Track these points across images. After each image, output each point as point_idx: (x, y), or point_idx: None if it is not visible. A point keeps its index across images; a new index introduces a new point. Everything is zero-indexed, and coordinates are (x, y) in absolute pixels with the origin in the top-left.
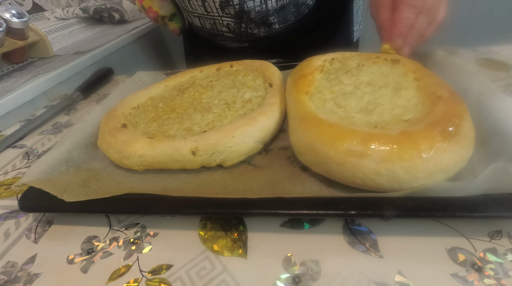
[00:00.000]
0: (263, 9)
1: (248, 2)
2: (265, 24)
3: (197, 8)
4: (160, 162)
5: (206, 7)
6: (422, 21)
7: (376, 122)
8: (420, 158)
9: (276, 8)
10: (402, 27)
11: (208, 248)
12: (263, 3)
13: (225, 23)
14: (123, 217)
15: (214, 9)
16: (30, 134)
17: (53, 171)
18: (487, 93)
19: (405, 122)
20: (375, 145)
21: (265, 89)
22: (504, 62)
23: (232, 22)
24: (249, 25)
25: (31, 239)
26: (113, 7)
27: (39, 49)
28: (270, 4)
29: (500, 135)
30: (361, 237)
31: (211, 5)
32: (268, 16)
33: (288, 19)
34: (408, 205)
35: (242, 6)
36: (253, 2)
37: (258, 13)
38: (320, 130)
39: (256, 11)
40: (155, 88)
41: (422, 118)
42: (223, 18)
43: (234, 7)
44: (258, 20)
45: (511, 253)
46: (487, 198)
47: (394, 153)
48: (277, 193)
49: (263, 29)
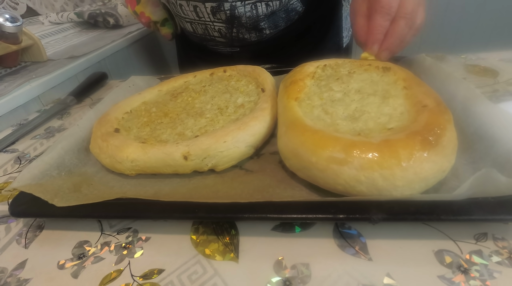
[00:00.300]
0: (253, 15)
1: (238, 8)
2: (256, 29)
3: (189, 13)
4: (152, 167)
5: (197, 12)
6: (402, 26)
7: (360, 129)
8: (399, 167)
9: (267, 13)
10: (377, 34)
11: (200, 252)
12: (253, 9)
13: (216, 28)
14: (115, 222)
15: (205, 14)
16: (22, 139)
17: (44, 176)
18: (472, 99)
19: (388, 130)
20: (356, 152)
21: (258, 94)
22: (491, 68)
23: (224, 27)
24: (240, 30)
25: (22, 244)
26: (108, 12)
27: (32, 54)
28: (261, 9)
29: (485, 140)
30: (351, 240)
31: (203, 10)
32: (258, 21)
33: (278, 25)
34: (395, 208)
35: (233, 12)
36: (244, 8)
37: (248, 19)
38: (304, 136)
39: (246, 16)
40: (148, 92)
41: (406, 127)
42: (215, 23)
43: (225, 13)
44: (249, 25)
45: (496, 255)
46: (471, 201)
47: (374, 161)
48: (267, 198)
49: (254, 34)
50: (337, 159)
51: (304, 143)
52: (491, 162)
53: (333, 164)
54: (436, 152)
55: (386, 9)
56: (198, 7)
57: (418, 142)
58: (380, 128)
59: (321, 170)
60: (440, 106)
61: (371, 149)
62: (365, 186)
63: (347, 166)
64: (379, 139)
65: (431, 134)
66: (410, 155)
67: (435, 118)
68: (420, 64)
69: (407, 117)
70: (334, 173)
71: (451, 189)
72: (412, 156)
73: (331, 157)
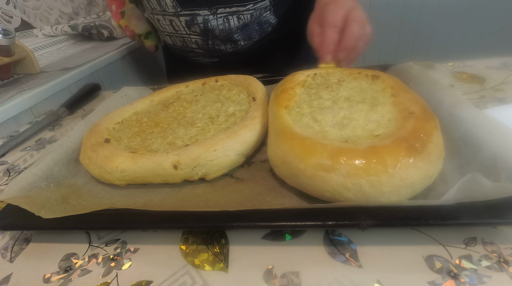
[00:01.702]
0: (226, 28)
1: (211, 21)
2: (230, 41)
3: (166, 27)
4: (142, 177)
5: (174, 26)
6: (354, 28)
7: (348, 136)
8: (386, 173)
9: (239, 26)
10: (328, 45)
11: (189, 262)
12: (225, 22)
13: (193, 40)
14: (104, 233)
15: (181, 28)
16: (12, 151)
17: (32, 188)
18: (458, 105)
19: (375, 137)
20: (343, 159)
21: (249, 103)
22: (478, 75)
23: (200, 39)
24: (216, 42)
25: (7, 258)
26: (102, 24)
27: (25, 66)
28: (233, 22)
29: (471, 145)
30: (341, 247)
31: (178, 24)
32: (231, 33)
33: (252, 37)
34: (383, 214)
35: (206, 25)
36: (216, 21)
37: (221, 31)
38: (292, 143)
39: (219, 29)
40: (140, 103)
41: (392, 133)
42: (191, 35)
43: (199, 26)
44: (223, 37)
45: (485, 259)
46: (459, 206)
47: (360, 168)
48: (257, 206)
49: (230, 45)
50: (324, 166)
51: (292, 150)
52: (477, 167)
53: (321, 171)
54: (422, 158)
55: (332, 23)
56: (174, 21)
57: (404, 148)
58: (368, 135)
59: (309, 177)
60: (426, 112)
61: (358, 155)
62: (352, 192)
63: (334, 173)
64: (366, 145)
65: (417, 140)
66: (396, 162)
67: (421, 125)
68: (407, 71)
69: (394, 124)
70: (322, 180)
71: (439, 194)
72: (398, 162)
73: (319, 164)
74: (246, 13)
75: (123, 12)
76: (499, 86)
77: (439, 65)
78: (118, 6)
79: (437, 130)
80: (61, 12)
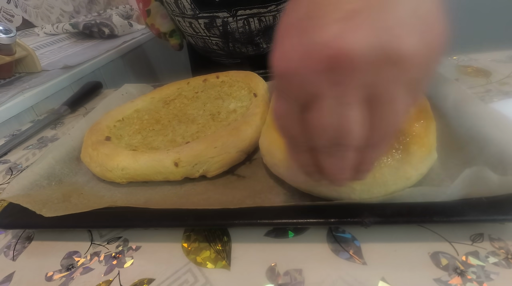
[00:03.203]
0: (246, 30)
1: (231, 24)
2: (251, 43)
3: (186, 29)
4: (143, 174)
5: (193, 28)
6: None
7: None
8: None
9: (260, 29)
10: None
11: (192, 260)
12: (246, 25)
13: (214, 42)
14: (105, 231)
15: (201, 30)
16: (14, 149)
17: (33, 186)
18: (463, 100)
19: None
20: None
21: (250, 99)
22: (483, 69)
23: (220, 41)
24: (236, 45)
25: (9, 256)
26: (103, 22)
27: (26, 64)
28: (253, 25)
29: (476, 141)
30: (345, 244)
31: (197, 26)
32: (252, 37)
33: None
34: (387, 211)
35: (226, 27)
36: (236, 24)
37: (242, 34)
38: (277, 134)
39: (239, 32)
40: (141, 100)
41: None
42: (211, 37)
43: (218, 28)
44: (243, 40)
45: (492, 256)
46: (464, 202)
47: None
48: (259, 203)
49: (251, 48)
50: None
51: (275, 141)
52: (483, 163)
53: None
54: (400, 159)
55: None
56: (193, 23)
57: None
58: None
59: (287, 168)
60: (421, 113)
61: None
62: (324, 186)
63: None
64: None
65: (398, 140)
66: None
67: (409, 125)
68: None
69: None
70: (298, 172)
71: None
72: None
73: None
74: (268, 15)
75: (149, 10)
76: (505, 80)
77: (443, 59)
78: (144, 4)
79: (428, 132)
80: (62, 11)
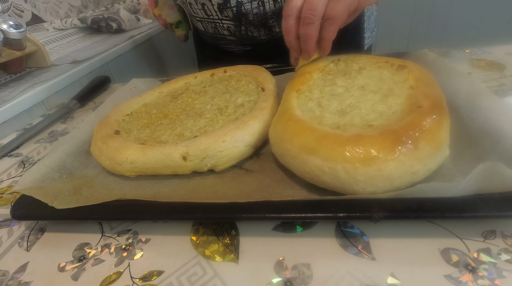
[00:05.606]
0: (260, 11)
1: (245, 4)
2: (264, 26)
3: (198, 12)
4: (152, 168)
5: (206, 10)
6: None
7: (343, 123)
8: (361, 162)
9: (275, 10)
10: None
11: (200, 253)
12: (260, 5)
13: (225, 26)
14: (116, 224)
15: (213, 12)
16: (26, 143)
17: (45, 179)
18: (477, 94)
19: (368, 127)
20: (325, 143)
21: (258, 94)
22: (496, 62)
23: (232, 25)
24: (249, 28)
25: (23, 247)
26: (111, 17)
27: (36, 59)
28: (268, 6)
29: (490, 135)
30: (353, 240)
31: (210, 8)
32: (266, 18)
33: None
34: (396, 206)
35: (240, 9)
36: (250, 4)
37: (256, 15)
38: (287, 125)
39: (253, 13)
40: (149, 95)
41: (387, 125)
42: (223, 21)
43: (231, 10)
44: (257, 23)
45: (505, 253)
46: (477, 198)
47: (338, 153)
48: (267, 197)
49: (263, 32)
50: (307, 148)
51: (284, 131)
52: (497, 158)
53: (303, 152)
54: (407, 153)
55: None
56: (206, 4)
57: (389, 140)
58: (363, 124)
59: (293, 157)
60: (434, 108)
61: (339, 142)
62: (328, 176)
63: (314, 156)
64: (352, 133)
65: (407, 134)
66: (376, 152)
67: (420, 120)
68: (422, 59)
69: (397, 117)
70: (303, 161)
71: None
72: (378, 153)
73: (303, 146)
74: None
75: (156, 1)
76: None
77: (456, 52)
78: None
79: (440, 127)
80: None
